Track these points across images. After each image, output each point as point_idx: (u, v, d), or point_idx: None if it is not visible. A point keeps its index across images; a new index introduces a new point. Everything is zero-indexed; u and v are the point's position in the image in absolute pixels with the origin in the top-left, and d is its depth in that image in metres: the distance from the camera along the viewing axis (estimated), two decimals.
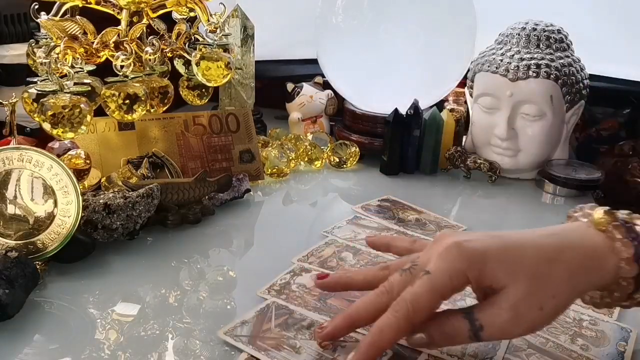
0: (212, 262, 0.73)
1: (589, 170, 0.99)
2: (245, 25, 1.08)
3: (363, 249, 0.75)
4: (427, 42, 1.00)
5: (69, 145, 0.80)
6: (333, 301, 0.63)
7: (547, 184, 0.98)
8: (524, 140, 0.99)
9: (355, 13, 1.01)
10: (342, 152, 1.05)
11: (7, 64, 0.95)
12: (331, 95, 1.18)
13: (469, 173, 1.02)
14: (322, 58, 1.10)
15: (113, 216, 0.70)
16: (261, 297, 0.63)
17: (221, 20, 0.88)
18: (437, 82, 1.06)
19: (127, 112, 0.78)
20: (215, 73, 0.87)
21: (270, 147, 1.02)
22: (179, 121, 0.91)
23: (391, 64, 1.01)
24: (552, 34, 0.99)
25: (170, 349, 0.55)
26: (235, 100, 1.11)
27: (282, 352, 0.54)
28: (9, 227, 0.65)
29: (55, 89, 0.72)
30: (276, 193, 0.95)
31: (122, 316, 0.60)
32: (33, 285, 0.61)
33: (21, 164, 0.65)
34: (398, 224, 0.83)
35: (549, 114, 0.97)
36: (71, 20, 0.80)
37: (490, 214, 0.92)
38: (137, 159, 0.85)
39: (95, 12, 0.83)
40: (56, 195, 0.66)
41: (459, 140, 1.08)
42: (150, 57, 0.84)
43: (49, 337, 0.56)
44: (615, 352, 0.57)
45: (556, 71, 0.95)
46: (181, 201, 0.80)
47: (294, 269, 0.69)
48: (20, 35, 0.99)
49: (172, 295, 0.64)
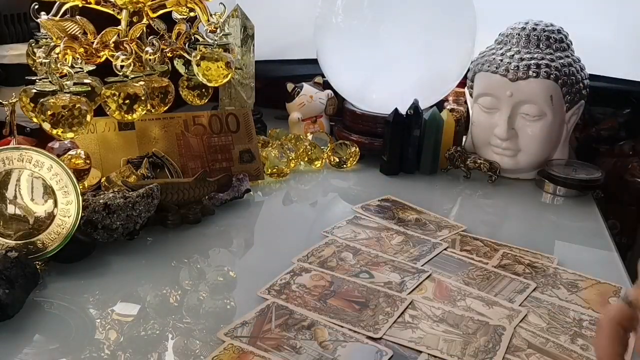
0: (212, 262, 0.73)
1: (589, 170, 0.99)
2: (245, 25, 1.08)
3: (363, 249, 0.75)
4: (427, 42, 1.00)
5: (69, 145, 0.80)
6: (333, 301, 0.63)
7: (547, 184, 0.98)
8: (524, 140, 0.99)
9: (355, 13, 1.01)
10: (342, 152, 1.05)
11: (7, 64, 0.95)
12: (331, 95, 1.18)
13: (469, 173, 1.02)
14: (322, 58, 1.10)
15: (113, 216, 0.70)
16: (261, 297, 0.63)
17: (221, 20, 0.88)
18: (437, 82, 1.06)
19: (127, 112, 0.78)
20: (216, 73, 0.87)
21: (270, 147, 1.02)
22: (179, 121, 0.91)
23: (391, 64, 1.01)
24: (552, 34, 0.99)
25: (170, 349, 0.55)
26: (235, 100, 1.11)
27: (283, 352, 0.54)
28: (9, 227, 0.65)
29: (55, 89, 0.72)
30: (276, 193, 0.95)
31: (122, 316, 0.60)
32: (33, 285, 0.61)
33: (21, 164, 0.65)
34: (398, 224, 0.83)
35: (549, 114, 0.97)
36: (71, 20, 0.80)
37: (490, 214, 0.92)
38: (137, 159, 0.85)
39: (95, 12, 0.83)
40: (56, 195, 0.66)
41: (459, 140, 1.08)
42: (150, 57, 0.84)
43: (49, 337, 0.56)
44: None
45: (556, 71, 0.95)
46: (181, 201, 0.80)
47: (294, 269, 0.69)
48: (20, 35, 0.99)
49: (172, 295, 0.64)
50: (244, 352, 0.54)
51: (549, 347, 0.57)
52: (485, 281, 0.69)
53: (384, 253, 0.74)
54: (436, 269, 0.71)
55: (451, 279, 0.69)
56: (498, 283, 0.69)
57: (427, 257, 0.74)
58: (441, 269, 0.71)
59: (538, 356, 0.56)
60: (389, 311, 0.61)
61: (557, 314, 0.63)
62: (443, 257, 0.75)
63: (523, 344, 0.58)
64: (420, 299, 0.65)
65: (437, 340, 0.57)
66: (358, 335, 0.57)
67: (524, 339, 0.59)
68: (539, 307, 0.65)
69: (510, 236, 0.81)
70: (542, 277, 0.71)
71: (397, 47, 1.00)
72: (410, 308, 0.62)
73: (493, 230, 0.84)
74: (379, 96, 1.05)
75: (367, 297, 0.64)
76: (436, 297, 0.65)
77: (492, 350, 0.56)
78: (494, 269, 0.72)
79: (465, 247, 0.77)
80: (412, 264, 0.72)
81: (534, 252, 0.77)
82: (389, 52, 1.00)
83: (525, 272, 0.72)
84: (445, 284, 0.68)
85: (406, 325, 0.60)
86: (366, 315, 0.61)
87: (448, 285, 0.68)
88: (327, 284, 0.66)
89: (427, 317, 0.61)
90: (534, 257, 0.76)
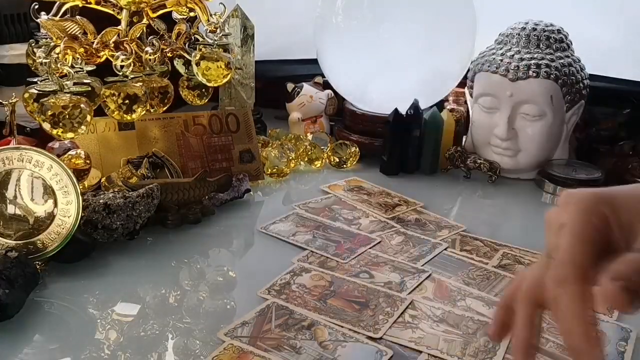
0: (212, 262, 0.73)
1: (589, 170, 0.99)
2: (245, 25, 1.08)
3: (363, 248, 0.75)
4: (427, 42, 1.00)
5: (69, 145, 0.80)
6: (333, 301, 0.63)
7: (547, 184, 0.98)
8: (524, 140, 0.99)
9: (355, 13, 1.01)
10: (342, 152, 1.05)
11: (7, 64, 0.95)
12: (331, 95, 1.18)
13: (469, 173, 1.02)
14: (322, 58, 1.10)
15: (113, 216, 0.70)
16: (261, 297, 0.63)
17: (221, 20, 0.88)
18: (437, 82, 1.06)
19: (126, 112, 0.78)
20: (215, 73, 0.87)
21: (270, 147, 1.02)
22: (179, 121, 0.91)
23: (391, 64, 1.01)
24: (552, 34, 0.99)
25: (170, 349, 0.55)
26: (235, 100, 1.11)
27: (283, 352, 0.54)
28: (9, 227, 0.65)
29: (55, 89, 0.72)
30: (276, 193, 0.95)
31: (122, 316, 0.60)
32: (33, 285, 0.61)
33: (21, 164, 0.65)
34: (398, 224, 0.83)
35: (549, 114, 0.97)
36: (71, 20, 0.80)
37: (490, 214, 0.92)
38: (137, 159, 0.84)
39: (95, 12, 0.83)
40: (56, 195, 0.66)
41: (459, 140, 1.08)
42: (150, 57, 0.84)
43: (49, 337, 0.56)
44: (615, 352, 0.57)
45: (556, 71, 0.95)
46: (181, 201, 0.80)
47: (294, 269, 0.69)
48: (20, 35, 0.99)
49: (172, 295, 0.64)
50: (244, 352, 0.54)
51: (549, 347, 0.57)
52: (485, 281, 0.69)
53: (383, 253, 0.74)
54: (436, 269, 0.71)
55: (451, 279, 0.69)
56: (498, 283, 0.69)
57: (427, 257, 0.74)
58: (441, 269, 0.71)
59: (538, 356, 0.56)
60: (389, 311, 0.62)
61: None
62: (443, 257, 0.75)
63: None
64: (420, 299, 0.65)
65: (437, 340, 0.57)
66: (358, 335, 0.57)
67: None
68: None
69: (510, 236, 0.81)
70: None
71: (397, 47, 1.00)
72: (410, 308, 0.63)
73: (493, 230, 0.84)
74: (379, 96, 1.05)
75: (367, 297, 0.64)
76: (436, 297, 0.65)
77: (492, 350, 0.56)
78: (494, 269, 0.72)
79: (465, 247, 0.77)
80: (412, 264, 0.72)
81: (534, 252, 0.77)
82: (389, 52, 1.00)
83: None
84: (445, 284, 0.68)
85: (406, 325, 0.60)
86: (366, 315, 0.61)
87: (448, 285, 0.68)
88: (327, 284, 0.66)
89: (427, 317, 0.61)
90: (534, 257, 0.76)
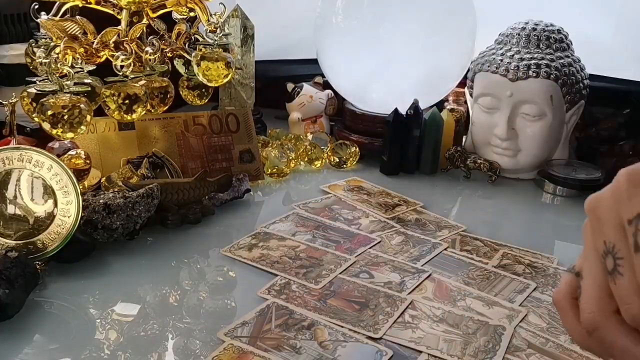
0: (212, 262, 0.73)
1: (589, 170, 0.99)
2: (245, 25, 1.08)
3: (363, 248, 0.75)
4: (427, 42, 1.00)
5: (69, 145, 0.80)
6: (333, 301, 0.63)
7: (547, 184, 0.98)
8: (524, 140, 0.99)
9: (355, 13, 1.01)
10: (342, 152, 1.05)
11: (7, 64, 0.95)
12: (331, 95, 1.18)
13: (469, 173, 1.02)
14: (322, 58, 1.10)
15: (113, 216, 0.70)
16: (261, 297, 0.63)
17: (221, 20, 0.88)
18: (437, 82, 1.06)
19: (126, 112, 0.78)
20: (216, 73, 0.87)
21: (270, 147, 1.02)
22: (179, 121, 0.91)
23: (391, 64, 1.01)
24: (552, 34, 0.99)
25: (170, 349, 0.55)
26: (235, 100, 1.11)
27: (283, 352, 0.54)
28: (9, 227, 0.65)
29: (55, 89, 0.72)
30: (276, 193, 0.95)
31: (122, 316, 0.60)
32: (33, 285, 0.61)
33: (21, 164, 0.65)
34: (398, 224, 0.83)
35: (549, 114, 0.97)
36: (71, 20, 0.80)
37: (490, 214, 0.92)
38: (137, 159, 0.84)
39: (95, 12, 0.83)
40: (56, 195, 0.66)
41: (459, 140, 1.08)
42: (150, 57, 0.84)
43: (49, 337, 0.56)
44: None
45: (556, 71, 0.95)
46: (181, 201, 0.80)
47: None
48: (20, 35, 0.99)
49: (172, 295, 0.64)
50: (244, 352, 0.54)
51: (549, 347, 0.58)
52: (485, 281, 0.69)
53: (383, 253, 0.74)
54: (436, 269, 0.71)
55: (451, 279, 0.69)
56: (498, 283, 0.69)
57: (427, 257, 0.74)
58: (441, 269, 0.71)
59: (538, 356, 0.56)
60: (389, 311, 0.62)
61: (557, 314, 0.63)
62: (443, 257, 0.75)
63: (523, 344, 0.58)
64: (420, 299, 0.65)
65: (437, 340, 0.57)
66: (358, 335, 0.57)
67: (524, 339, 0.59)
68: (539, 307, 0.65)
69: (510, 236, 0.81)
70: (542, 277, 0.71)
71: (397, 47, 1.00)
72: (410, 308, 0.63)
73: (493, 230, 0.84)
74: (379, 96, 1.05)
75: (367, 297, 0.64)
76: (436, 297, 0.65)
77: (492, 350, 0.56)
78: (494, 269, 0.72)
79: (465, 247, 0.77)
80: (412, 264, 0.72)
81: (534, 252, 0.77)
82: (389, 52, 1.00)
83: (525, 272, 0.72)
84: (445, 284, 0.68)
85: (406, 325, 0.60)
86: (366, 315, 0.61)
87: (448, 285, 0.68)
88: (327, 284, 0.66)
89: (427, 317, 0.61)
90: (534, 257, 0.76)
